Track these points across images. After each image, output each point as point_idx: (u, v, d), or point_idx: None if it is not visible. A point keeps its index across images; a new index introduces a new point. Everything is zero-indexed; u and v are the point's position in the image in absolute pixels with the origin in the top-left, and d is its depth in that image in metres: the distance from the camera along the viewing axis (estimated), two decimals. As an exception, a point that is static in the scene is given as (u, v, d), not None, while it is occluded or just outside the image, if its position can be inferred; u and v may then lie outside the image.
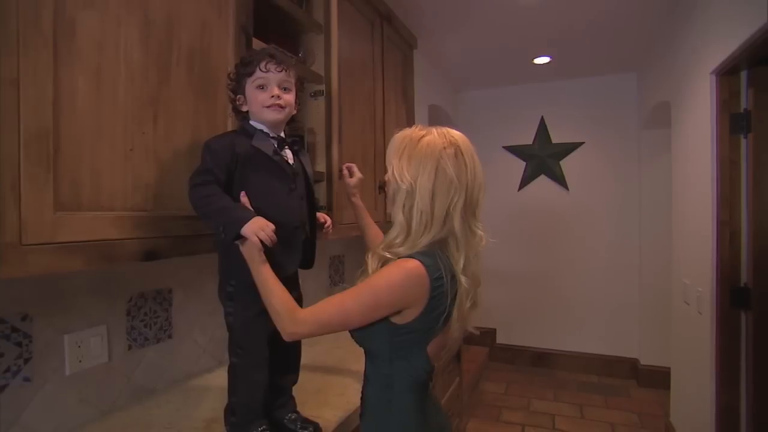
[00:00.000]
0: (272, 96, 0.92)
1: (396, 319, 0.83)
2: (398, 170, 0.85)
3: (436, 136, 0.85)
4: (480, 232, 0.86)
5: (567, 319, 3.58)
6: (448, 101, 3.59)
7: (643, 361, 3.28)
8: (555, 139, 3.60)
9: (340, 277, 2.22)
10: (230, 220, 0.85)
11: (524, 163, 3.70)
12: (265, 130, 0.96)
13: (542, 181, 3.65)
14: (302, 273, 1.03)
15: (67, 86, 0.74)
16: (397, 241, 0.85)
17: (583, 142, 3.51)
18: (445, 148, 0.83)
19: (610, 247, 3.44)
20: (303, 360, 1.05)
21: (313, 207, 1.04)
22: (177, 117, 0.96)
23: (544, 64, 3.12)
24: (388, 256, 0.85)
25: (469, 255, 0.85)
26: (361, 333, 0.86)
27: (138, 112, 0.88)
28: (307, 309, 0.84)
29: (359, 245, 2.42)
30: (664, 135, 3.03)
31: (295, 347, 1.05)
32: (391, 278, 0.80)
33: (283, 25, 1.48)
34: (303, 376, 1.07)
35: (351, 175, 1.24)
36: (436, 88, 3.23)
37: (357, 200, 1.24)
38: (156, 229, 0.91)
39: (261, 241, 0.83)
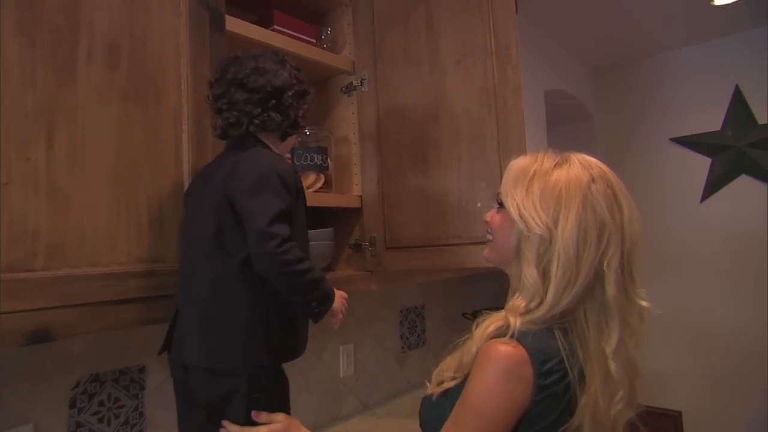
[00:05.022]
0: None
1: None
2: (528, 209, 0.65)
3: (578, 165, 0.66)
4: (643, 303, 0.65)
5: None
6: (579, 83, 2.75)
7: None
8: (763, 118, 2.45)
9: (419, 337, 1.68)
10: (325, 293, 0.70)
11: (709, 160, 2.60)
12: None
13: (743, 184, 2.49)
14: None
15: None
16: (532, 305, 0.64)
17: (818, 118, 2.29)
18: (593, 180, 0.65)
19: None
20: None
21: None
22: (91, 131, 0.69)
23: (730, 3, 2.11)
24: (518, 326, 0.62)
25: (623, 332, 0.63)
26: None
27: (16, 130, 0.62)
28: None
29: (445, 291, 1.81)
30: None
31: None
32: (484, 383, 0.61)
33: None
34: None
35: None
36: (556, 67, 2.47)
37: None
38: (50, 297, 0.63)
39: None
